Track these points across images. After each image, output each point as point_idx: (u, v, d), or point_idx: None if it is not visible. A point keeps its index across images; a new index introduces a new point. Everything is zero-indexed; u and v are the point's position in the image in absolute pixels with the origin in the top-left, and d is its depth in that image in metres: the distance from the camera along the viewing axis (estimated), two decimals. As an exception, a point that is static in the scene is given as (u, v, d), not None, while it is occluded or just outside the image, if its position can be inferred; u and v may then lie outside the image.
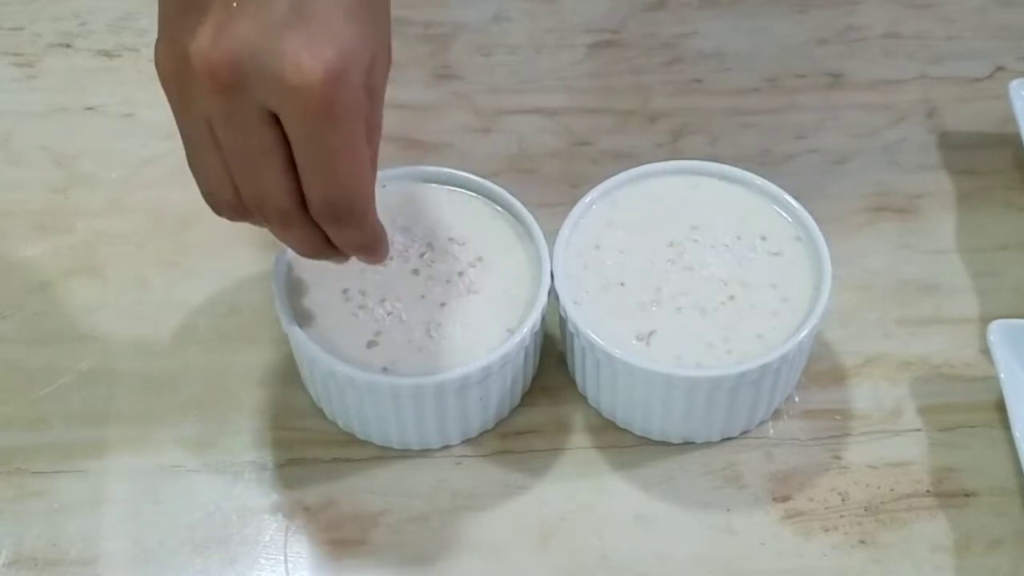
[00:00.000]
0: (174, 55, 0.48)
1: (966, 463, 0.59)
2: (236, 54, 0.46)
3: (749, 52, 0.75)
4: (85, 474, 0.58)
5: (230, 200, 0.51)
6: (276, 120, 0.47)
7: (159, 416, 0.60)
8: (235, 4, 0.46)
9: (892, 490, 0.58)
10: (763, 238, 0.60)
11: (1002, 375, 0.58)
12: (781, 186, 0.61)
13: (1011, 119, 0.68)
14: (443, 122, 0.72)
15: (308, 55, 0.46)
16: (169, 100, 0.50)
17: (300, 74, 0.46)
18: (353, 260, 0.59)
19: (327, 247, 0.52)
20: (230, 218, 0.52)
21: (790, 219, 0.61)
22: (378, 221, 0.53)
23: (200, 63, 0.46)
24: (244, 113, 0.47)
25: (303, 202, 0.50)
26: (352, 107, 0.47)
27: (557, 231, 0.60)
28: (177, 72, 0.48)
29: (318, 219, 0.50)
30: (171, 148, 0.70)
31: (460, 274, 0.59)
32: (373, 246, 0.53)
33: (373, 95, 0.49)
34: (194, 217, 0.67)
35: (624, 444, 0.60)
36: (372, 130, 0.50)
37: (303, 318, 0.57)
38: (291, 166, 0.49)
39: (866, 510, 0.58)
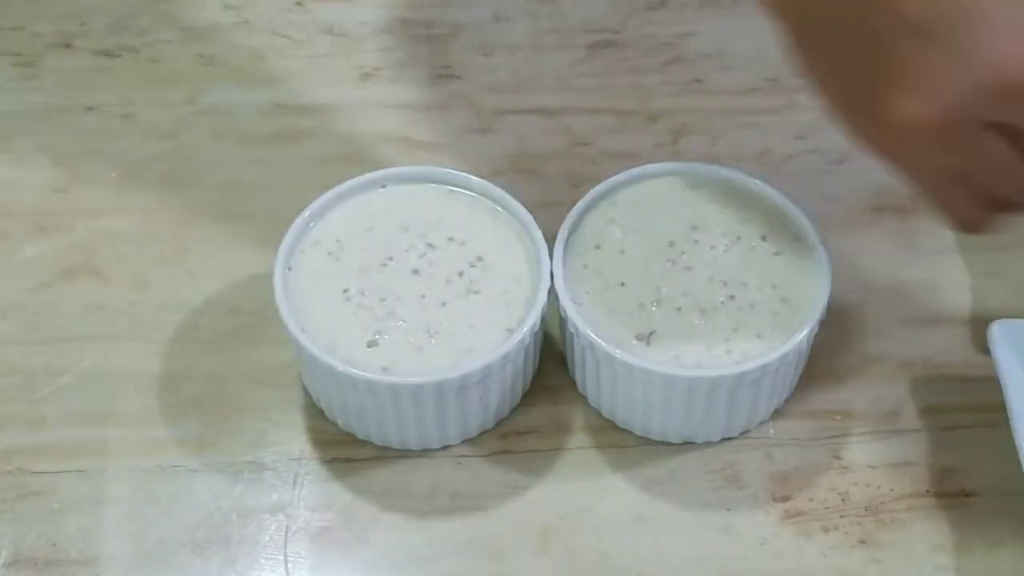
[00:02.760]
0: (878, 130, 0.51)
1: (966, 463, 0.59)
2: (952, 93, 0.48)
3: (749, 52, 0.75)
4: (85, 474, 0.58)
5: (986, 220, 0.54)
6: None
7: (159, 416, 0.60)
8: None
9: (892, 490, 0.58)
10: (763, 238, 0.60)
11: (1002, 375, 0.58)
12: (781, 186, 0.61)
13: (1011, 119, 0.68)
14: (443, 122, 0.72)
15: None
16: (912, 155, 0.52)
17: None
18: (353, 261, 0.59)
19: None
20: (986, 232, 0.55)
21: (790, 219, 0.61)
22: None
23: (920, 125, 0.49)
24: (979, 136, 0.50)
25: None
26: None
27: (557, 231, 0.60)
28: (890, 142, 0.51)
29: None
30: (171, 148, 0.70)
31: (460, 274, 0.59)
32: None
33: None
34: (194, 217, 0.67)
35: (624, 444, 0.60)
36: None
37: (303, 318, 0.57)
38: None
39: (866, 510, 0.58)
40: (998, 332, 0.58)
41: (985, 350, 0.59)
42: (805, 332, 0.57)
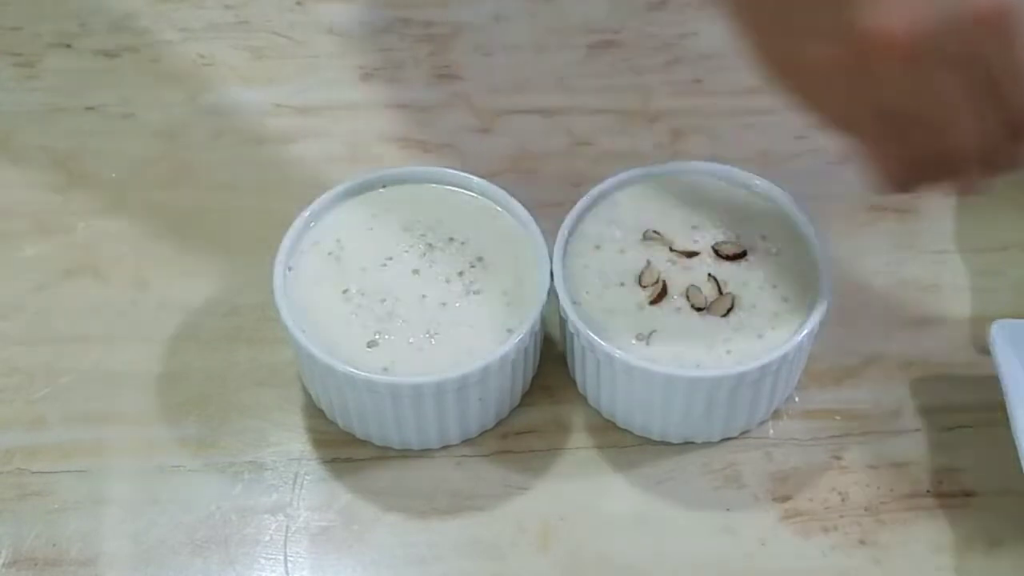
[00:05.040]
0: (840, 43, 0.48)
1: (966, 463, 0.59)
2: (924, 14, 0.47)
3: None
4: (85, 474, 0.58)
5: (923, 170, 0.52)
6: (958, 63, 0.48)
7: (159, 416, 0.60)
8: None
9: (892, 490, 0.58)
10: (763, 238, 0.60)
11: (1002, 375, 0.58)
12: (781, 186, 0.61)
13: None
14: (443, 122, 0.72)
15: None
16: (827, 96, 0.51)
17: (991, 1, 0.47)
18: (353, 261, 0.59)
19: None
20: (916, 190, 0.54)
21: (790, 219, 0.61)
22: None
23: (891, 38, 0.47)
24: (939, 69, 0.48)
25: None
26: None
27: (557, 231, 0.60)
28: (849, 59, 0.48)
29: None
30: (171, 148, 0.70)
31: (460, 274, 0.59)
32: None
33: None
34: (194, 217, 0.67)
35: (624, 444, 0.60)
36: None
37: (303, 318, 0.57)
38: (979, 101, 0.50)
39: (866, 510, 0.58)
40: (998, 332, 0.58)
41: (985, 350, 0.59)
42: (805, 332, 0.57)
